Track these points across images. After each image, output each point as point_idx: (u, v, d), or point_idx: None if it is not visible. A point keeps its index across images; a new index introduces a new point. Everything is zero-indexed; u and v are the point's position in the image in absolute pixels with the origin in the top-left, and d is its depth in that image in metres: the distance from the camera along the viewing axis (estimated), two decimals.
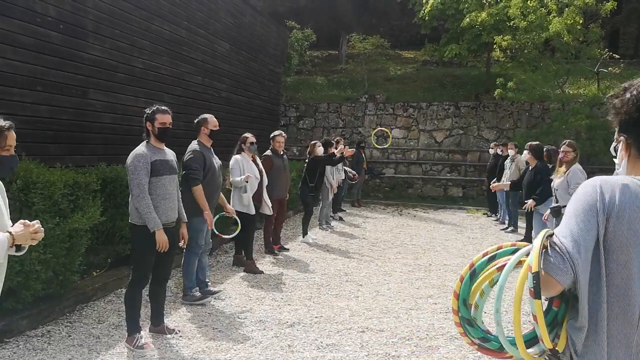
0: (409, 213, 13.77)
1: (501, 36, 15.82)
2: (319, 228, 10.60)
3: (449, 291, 6.49)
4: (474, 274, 1.83)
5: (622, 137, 1.70)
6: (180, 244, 4.98)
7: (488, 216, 13.10)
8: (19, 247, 2.58)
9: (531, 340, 1.69)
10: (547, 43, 15.83)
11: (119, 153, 7.18)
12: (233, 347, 4.56)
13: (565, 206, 6.50)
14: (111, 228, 6.12)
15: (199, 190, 5.49)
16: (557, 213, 6.49)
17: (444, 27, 20.69)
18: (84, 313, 5.28)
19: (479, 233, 10.92)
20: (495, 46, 16.36)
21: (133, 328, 4.49)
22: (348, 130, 18.10)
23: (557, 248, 1.55)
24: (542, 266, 1.55)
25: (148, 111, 4.54)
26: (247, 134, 7.30)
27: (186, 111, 9.44)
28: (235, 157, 7.00)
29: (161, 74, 9.37)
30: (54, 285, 5.03)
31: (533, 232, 7.75)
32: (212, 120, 5.75)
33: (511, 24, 15.42)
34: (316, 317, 5.39)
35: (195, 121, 5.80)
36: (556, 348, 1.64)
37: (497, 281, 1.76)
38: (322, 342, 4.72)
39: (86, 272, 5.81)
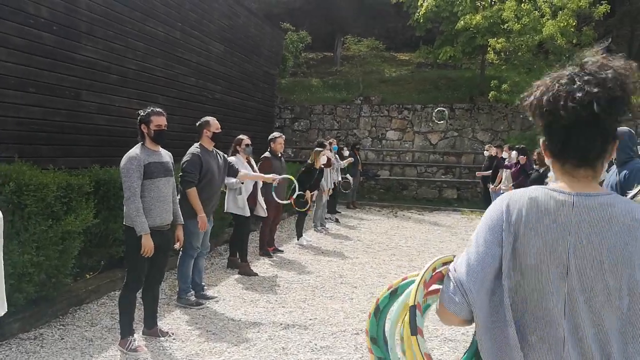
0: (403, 215, 13.77)
1: (495, 39, 15.86)
2: (314, 230, 10.58)
3: None
4: (378, 312, 1.68)
5: (541, 141, 1.55)
6: (176, 246, 4.96)
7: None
8: None
9: None
10: (541, 46, 15.90)
11: (113, 155, 7.15)
12: (227, 350, 4.54)
13: None
14: (104, 230, 6.09)
15: (192, 193, 5.48)
16: None
17: (439, 29, 20.73)
18: (77, 316, 5.25)
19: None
20: (489, 49, 16.41)
21: (126, 331, 4.46)
22: (343, 132, 18.10)
23: (451, 277, 1.45)
24: (440, 298, 1.46)
25: (142, 113, 4.52)
26: (242, 136, 7.28)
27: (180, 113, 9.43)
28: (231, 159, 6.99)
29: (155, 76, 9.34)
30: (47, 288, 5.00)
31: None
32: (214, 123, 5.74)
33: (505, 27, 15.48)
34: (310, 320, 5.37)
35: (197, 124, 5.80)
36: None
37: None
38: (316, 345, 4.70)
39: (79, 275, 5.78)
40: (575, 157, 1.44)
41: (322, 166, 9.46)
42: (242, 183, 6.89)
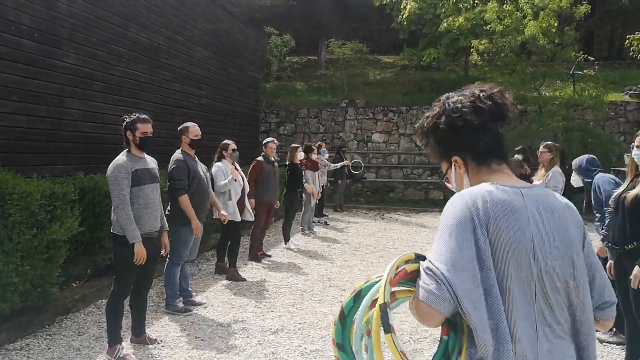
0: (390, 217, 13.81)
1: (478, 40, 15.99)
2: (302, 234, 10.57)
3: None
4: (343, 317, 1.62)
5: (455, 158, 1.67)
6: (162, 253, 4.93)
7: None
8: None
9: None
10: (523, 46, 16.05)
11: (98, 162, 7.10)
12: (216, 356, 4.52)
13: None
14: (90, 238, 6.04)
15: (185, 200, 5.45)
16: None
17: (422, 31, 20.85)
18: (63, 325, 5.19)
19: None
20: (472, 50, 16.54)
21: (114, 339, 4.42)
22: (329, 136, 18.12)
23: (430, 273, 1.41)
24: (418, 295, 1.42)
25: (128, 120, 4.49)
26: (227, 141, 7.26)
27: (165, 119, 9.37)
28: (218, 165, 6.97)
29: (139, 82, 9.29)
30: (33, 297, 4.94)
31: None
32: (193, 130, 5.70)
33: (488, 28, 15.61)
34: (300, 324, 5.36)
35: (178, 129, 5.77)
36: None
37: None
38: (306, 349, 4.70)
39: (65, 284, 5.72)
40: (497, 155, 1.63)
41: (301, 162, 9.65)
42: (235, 179, 6.90)
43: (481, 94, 1.61)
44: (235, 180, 6.97)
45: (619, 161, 13.17)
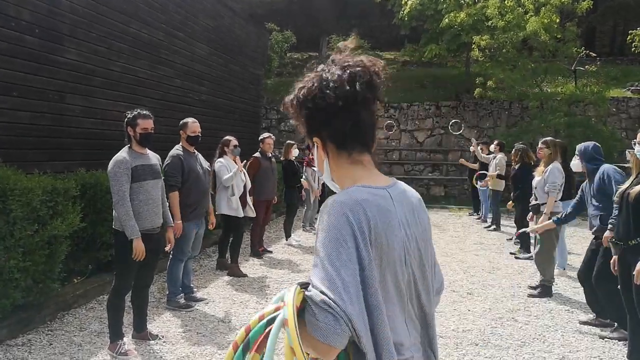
0: None
1: (480, 36, 15.95)
2: (303, 230, 10.57)
3: None
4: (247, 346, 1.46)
5: (316, 139, 1.55)
6: (167, 248, 4.92)
7: (470, 214, 13.20)
8: None
9: None
10: (525, 42, 16.00)
11: (99, 158, 7.10)
12: (217, 352, 4.52)
13: (544, 204, 6.57)
14: (92, 234, 6.04)
15: (174, 197, 5.38)
16: (537, 210, 6.58)
17: (424, 27, 20.80)
18: (65, 321, 5.20)
19: (462, 232, 10.99)
20: (474, 46, 16.49)
21: (116, 335, 4.43)
22: None
23: (327, 307, 1.25)
24: (314, 335, 1.26)
25: (129, 115, 4.48)
26: (229, 137, 7.25)
27: (166, 115, 9.36)
28: (220, 160, 6.96)
29: (140, 78, 9.27)
30: (34, 293, 4.95)
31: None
32: (191, 126, 5.64)
33: (489, 24, 15.57)
34: None
35: (179, 124, 5.75)
36: None
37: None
38: None
39: (67, 279, 5.72)
40: (359, 142, 1.52)
41: (304, 159, 9.71)
42: (241, 171, 6.91)
43: (345, 74, 1.47)
44: (242, 171, 6.98)
45: (620, 157, 13.14)
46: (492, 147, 11.37)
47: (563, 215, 5.79)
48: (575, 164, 5.59)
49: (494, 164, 10.72)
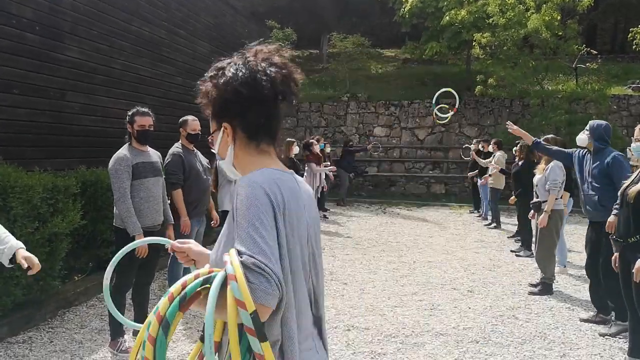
0: (392, 211, 13.81)
1: (480, 33, 15.93)
2: None
3: (434, 288, 6.52)
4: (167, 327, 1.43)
5: (226, 125, 1.61)
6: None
7: (471, 212, 13.21)
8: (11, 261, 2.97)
9: None
10: (526, 40, 15.99)
11: (100, 156, 7.10)
12: None
13: (545, 201, 6.56)
14: (92, 232, 6.05)
15: (177, 195, 5.35)
16: (538, 208, 6.57)
17: (424, 25, 20.77)
18: (65, 318, 5.21)
19: (462, 229, 10.99)
20: (474, 43, 16.48)
21: (116, 332, 4.44)
22: (330, 130, 18.10)
23: (255, 269, 1.29)
24: (252, 298, 1.26)
25: (129, 113, 4.50)
26: None
27: (167, 112, 9.35)
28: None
29: (141, 75, 9.27)
30: (35, 291, 4.96)
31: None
32: (191, 124, 5.59)
33: (490, 21, 15.54)
34: None
35: (179, 122, 5.74)
36: None
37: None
38: None
39: (67, 277, 5.73)
40: (268, 134, 1.61)
41: (306, 157, 9.77)
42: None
43: (266, 71, 1.56)
44: None
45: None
46: (490, 147, 11.38)
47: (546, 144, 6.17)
48: (582, 139, 5.46)
49: (493, 162, 10.72)
